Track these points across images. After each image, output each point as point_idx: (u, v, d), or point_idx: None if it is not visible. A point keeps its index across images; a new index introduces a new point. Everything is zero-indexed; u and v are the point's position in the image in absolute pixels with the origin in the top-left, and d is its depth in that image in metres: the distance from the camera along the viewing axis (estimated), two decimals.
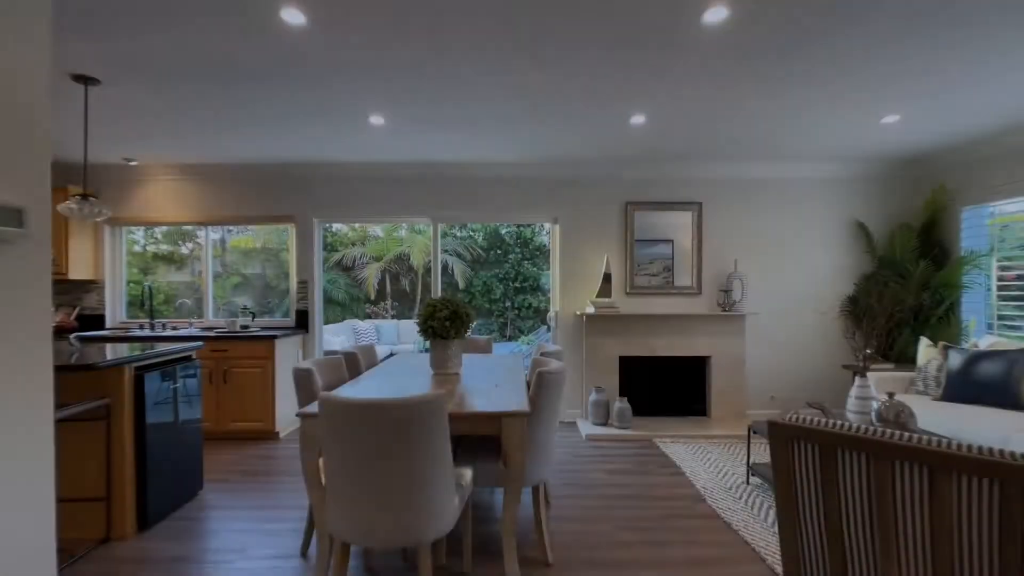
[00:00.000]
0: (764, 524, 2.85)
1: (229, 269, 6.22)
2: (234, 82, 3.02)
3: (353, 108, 3.46)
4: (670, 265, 5.05)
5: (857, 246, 5.08)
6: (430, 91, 3.17)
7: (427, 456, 1.87)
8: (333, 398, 1.86)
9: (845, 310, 5.05)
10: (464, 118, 3.66)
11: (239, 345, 4.32)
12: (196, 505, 3.07)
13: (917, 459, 1.28)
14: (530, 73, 2.92)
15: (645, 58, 2.75)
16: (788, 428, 1.47)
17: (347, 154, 4.60)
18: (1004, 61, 2.83)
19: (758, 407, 5.08)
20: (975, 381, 3.64)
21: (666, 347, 4.92)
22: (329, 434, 1.88)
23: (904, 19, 2.39)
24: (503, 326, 12.14)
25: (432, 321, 2.81)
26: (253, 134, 4.00)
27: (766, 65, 2.86)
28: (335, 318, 11.04)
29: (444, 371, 2.95)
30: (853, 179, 5.07)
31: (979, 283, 4.45)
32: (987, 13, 2.34)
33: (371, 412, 1.81)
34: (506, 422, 2.15)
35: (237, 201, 5.04)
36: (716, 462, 3.82)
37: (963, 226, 4.60)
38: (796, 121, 3.74)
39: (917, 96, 3.31)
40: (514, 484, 2.19)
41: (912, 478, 1.29)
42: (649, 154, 4.65)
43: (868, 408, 3.11)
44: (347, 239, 12.53)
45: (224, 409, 4.28)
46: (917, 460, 1.28)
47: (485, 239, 12.52)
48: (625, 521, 2.91)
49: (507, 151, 4.52)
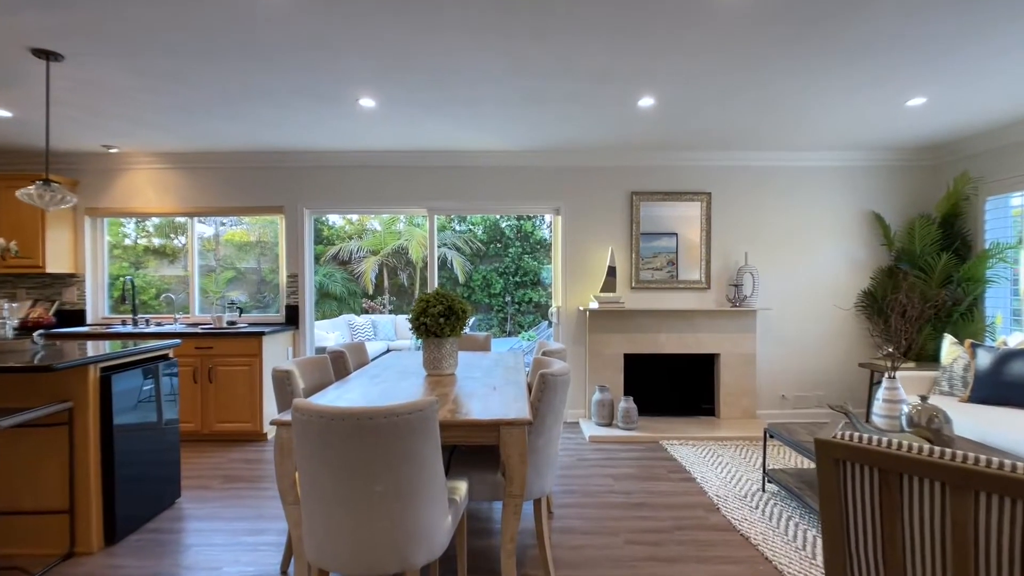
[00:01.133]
0: (785, 538, 2.62)
1: (223, 263, 5.99)
2: (215, 59, 2.78)
3: (341, 89, 3.21)
4: (674, 259, 4.81)
5: (873, 238, 4.84)
6: (421, 70, 2.93)
7: (415, 471, 1.65)
8: (307, 406, 1.63)
9: (861, 305, 4.82)
10: (459, 100, 3.41)
11: (225, 342, 4.09)
12: (172, 515, 2.85)
13: (1010, 491, 1.05)
14: (530, 49, 2.68)
15: (656, 32, 2.50)
16: (839, 447, 1.24)
17: (338, 141, 4.36)
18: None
19: (769, 407, 4.86)
20: (1006, 382, 3.41)
21: (673, 344, 4.69)
22: (303, 447, 1.65)
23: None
24: (503, 321, 11.93)
25: (424, 318, 2.58)
26: (238, 119, 3.76)
27: (786, 42, 2.62)
28: (332, 313, 10.82)
29: (438, 372, 2.73)
30: (868, 167, 4.82)
31: (1005, 277, 4.21)
32: None
33: (350, 422, 1.59)
34: (505, 432, 1.92)
35: (224, 191, 4.80)
36: (728, 467, 3.60)
37: (986, 217, 4.36)
38: (815, 103, 3.49)
39: (946, 77, 3.06)
40: (514, 500, 1.97)
41: (1003, 513, 1.06)
42: (656, 141, 4.41)
43: (897, 412, 2.89)
44: (344, 233, 12.30)
45: (209, 409, 4.06)
46: (1010, 493, 1.05)
47: (485, 232, 12.29)
48: (633, 533, 2.69)
49: (506, 138, 4.28)
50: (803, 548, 2.53)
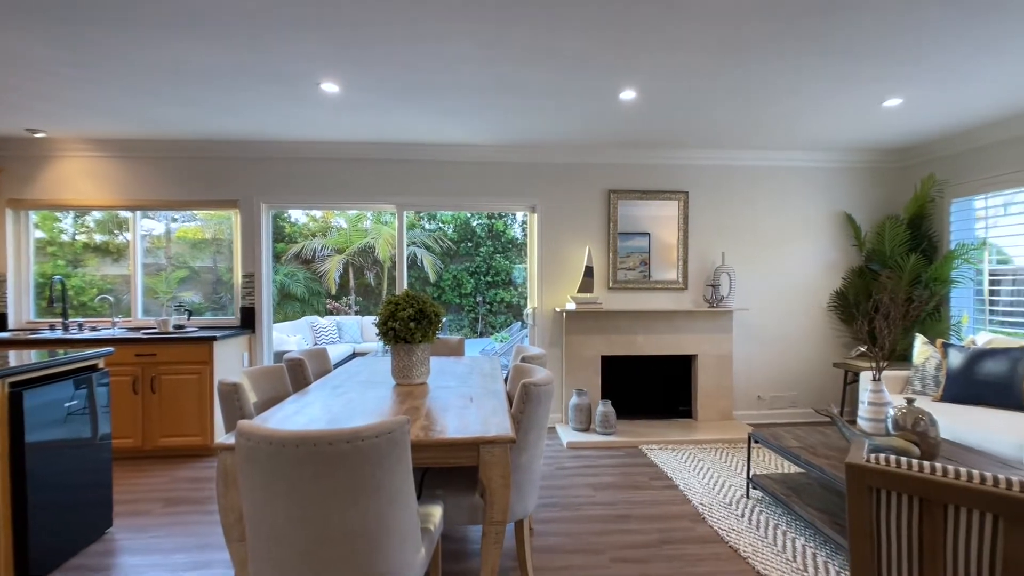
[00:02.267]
0: (774, 549, 2.51)
1: (175, 262, 5.56)
2: (155, 32, 2.47)
3: (300, 71, 2.94)
4: (647, 259, 4.70)
5: (845, 239, 4.85)
6: (388, 53, 2.69)
7: (384, 504, 1.43)
8: (253, 430, 1.39)
9: (833, 305, 4.83)
10: (431, 88, 3.18)
11: (170, 348, 3.74)
12: (101, 549, 2.52)
13: None
14: (504, 33, 2.48)
15: (639, 20, 2.35)
16: (874, 474, 1.09)
17: (299, 130, 4.06)
18: (1014, 43, 2.61)
19: (745, 407, 4.81)
20: (977, 381, 3.42)
21: (651, 345, 4.58)
22: (249, 477, 1.41)
23: None
24: (474, 322, 11.69)
25: (393, 322, 2.34)
26: (187, 103, 3.42)
27: (770, 39, 2.52)
28: (294, 314, 10.36)
29: (408, 382, 2.50)
30: (841, 169, 4.83)
31: (969, 277, 4.27)
32: None
33: (306, 449, 1.36)
34: (486, 451, 1.72)
35: (171, 183, 4.42)
36: (710, 472, 3.50)
37: (952, 219, 4.41)
38: (796, 101, 3.42)
39: (922, 77, 3.03)
40: (496, 528, 1.77)
41: None
42: (635, 139, 4.28)
43: (883, 415, 2.82)
44: (307, 230, 11.81)
45: (151, 423, 3.70)
46: None
47: (455, 231, 12.02)
48: (619, 550, 2.53)
49: (481, 131, 4.07)
50: (793, 560, 2.42)
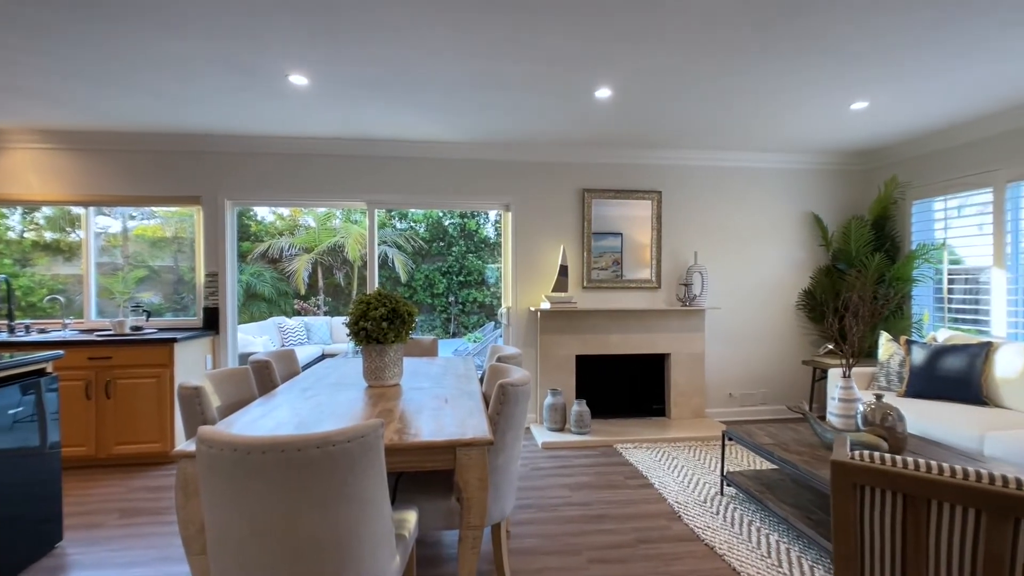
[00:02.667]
0: (749, 545, 2.53)
1: (133, 261, 5.31)
2: (111, 15, 2.32)
3: (268, 62, 2.82)
4: (619, 259, 4.72)
5: (813, 239, 4.97)
6: (359, 45, 2.60)
7: (356, 512, 1.36)
8: (215, 436, 1.30)
9: (802, 304, 4.93)
10: (402, 80, 3.10)
11: (127, 351, 3.55)
12: (49, 565, 2.36)
13: None
14: (480, 24, 2.43)
15: (617, 17, 2.33)
16: (860, 471, 1.08)
17: (266, 125, 3.91)
18: (971, 55, 2.77)
19: (717, 405, 4.87)
20: (939, 376, 3.54)
21: (625, 344, 4.59)
22: (211, 487, 1.32)
23: None
24: (446, 322, 11.58)
25: (365, 322, 2.26)
26: (145, 93, 3.25)
27: (746, 41, 2.56)
28: (261, 315, 10.07)
29: (380, 383, 2.42)
30: (809, 171, 4.94)
31: (929, 276, 4.41)
32: None
33: (273, 455, 1.28)
34: (462, 454, 1.66)
35: (128, 178, 4.21)
36: (684, 470, 3.51)
37: (913, 219, 4.56)
38: (769, 103, 3.46)
39: (888, 81, 3.12)
40: (473, 532, 1.71)
41: None
42: (609, 138, 4.28)
43: (853, 411, 2.88)
44: (274, 229, 11.50)
45: (106, 430, 3.50)
46: None
47: (427, 230, 11.88)
48: (595, 550, 2.51)
49: (455, 127, 4.00)
50: (768, 555, 2.44)
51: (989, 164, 3.81)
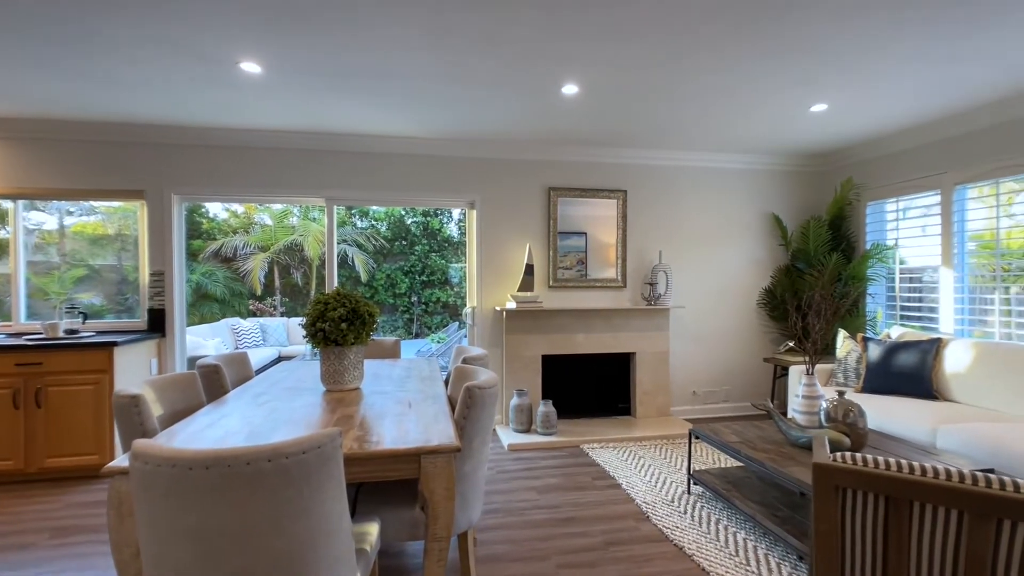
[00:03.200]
0: (717, 544, 2.53)
1: (70, 259, 4.94)
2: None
3: (216, 47, 2.64)
4: (584, 258, 4.70)
5: (773, 239, 5.08)
6: (316, 30, 2.46)
7: (313, 529, 1.25)
8: (150, 450, 1.17)
9: (763, 302, 5.04)
10: (363, 72, 2.97)
11: (60, 356, 3.28)
12: None
13: None
14: (452, 12, 2.33)
15: (588, 9, 2.28)
16: (843, 473, 1.05)
17: (216, 115, 3.69)
18: (921, 61, 2.86)
19: (681, 403, 4.91)
20: (893, 372, 3.65)
21: (591, 344, 4.57)
22: (147, 508, 1.19)
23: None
24: (409, 322, 11.37)
25: (323, 323, 2.13)
26: (79, 77, 3.00)
27: (709, 35, 2.54)
28: (212, 316, 9.63)
29: (339, 387, 2.29)
30: (769, 172, 5.05)
31: (883, 275, 4.57)
32: None
33: (218, 471, 1.15)
34: (428, 462, 1.57)
35: (61, 170, 3.90)
36: (651, 469, 3.51)
37: (868, 220, 4.71)
38: (733, 103, 3.50)
39: (846, 84, 3.19)
40: (439, 544, 1.62)
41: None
42: (575, 136, 4.24)
43: (816, 408, 2.93)
44: (228, 226, 11.03)
45: (37, 442, 3.22)
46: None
47: (389, 228, 11.64)
48: (565, 555, 2.45)
49: (418, 122, 3.88)
50: (736, 554, 2.44)
51: (937, 167, 3.97)
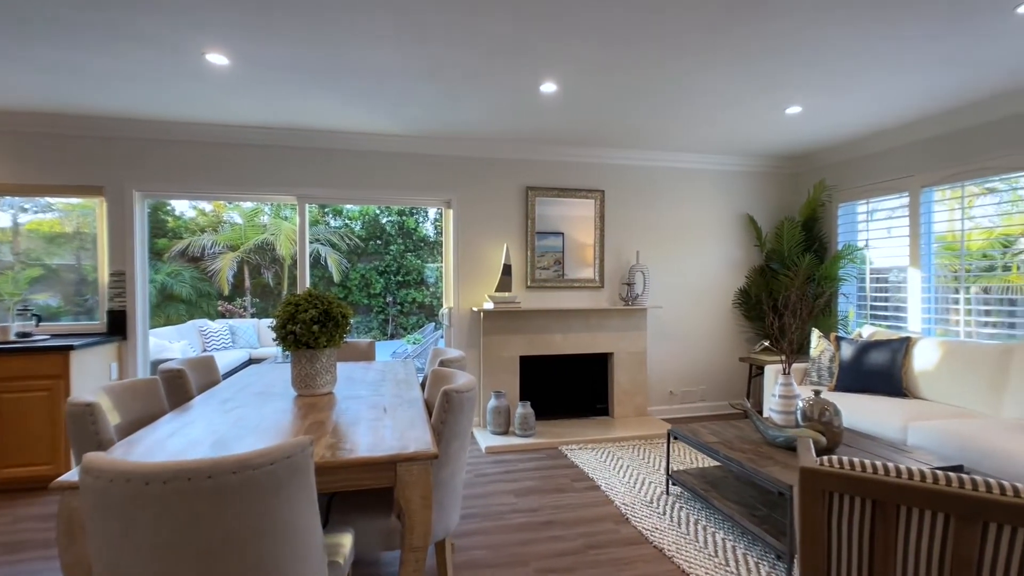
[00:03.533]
0: (697, 545, 2.52)
1: (24, 259, 4.69)
2: None
3: (180, 36, 2.52)
4: (561, 258, 4.68)
5: (748, 239, 5.14)
6: (287, 21, 2.37)
7: (282, 544, 1.18)
8: (103, 464, 1.08)
9: (738, 302, 5.09)
10: (337, 65, 2.88)
11: (10, 361, 3.09)
12: None
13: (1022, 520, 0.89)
14: (430, 5, 2.27)
15: (567, 6, 2.24)
16: (831, 477, 1.03)
17: (182, 109, 3.54)
18: (893, 67, 2.93)
19: (658, 403, 4.93)
20: (865, 370, 3.72)
21: (569, 344, 4.55)
22: (100, 526, 1.10)
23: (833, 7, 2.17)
24: (384, 323, 11.21)
25: (293, 325, 2.05)
26: (30, 64, 2.83)
27: (690, 38, 2.54)
28: (179, 318, 9.31)
29: (311, 392, 2.21)
30: (744, 173, 5.11)
31: (854, 275, 4.67)
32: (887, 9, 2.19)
33: (177, 485, 1.08)
34: (404, 470, 1.51)
35: (13, 165, 3.69)
36: (629, 470, 3.50)
37: (839, 221, 4.81)
38: (711, 104, 3.51)
39: (820, 86, 3.24)
40: (416, 555, 1.56)
41: (1013, 545, 0.91)
42: (554, 135, 4.22)
43: (793, 407, 2.95)
44: (195, 225, 10.69)
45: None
46: (1022, 522, 0.90)
47: (363, 228, 11.45)
48: (544, 560, 2.41)
49: (394, 118, 3.79)
50: (715, 555, 2.44)
51: (906, 170, 4.07)
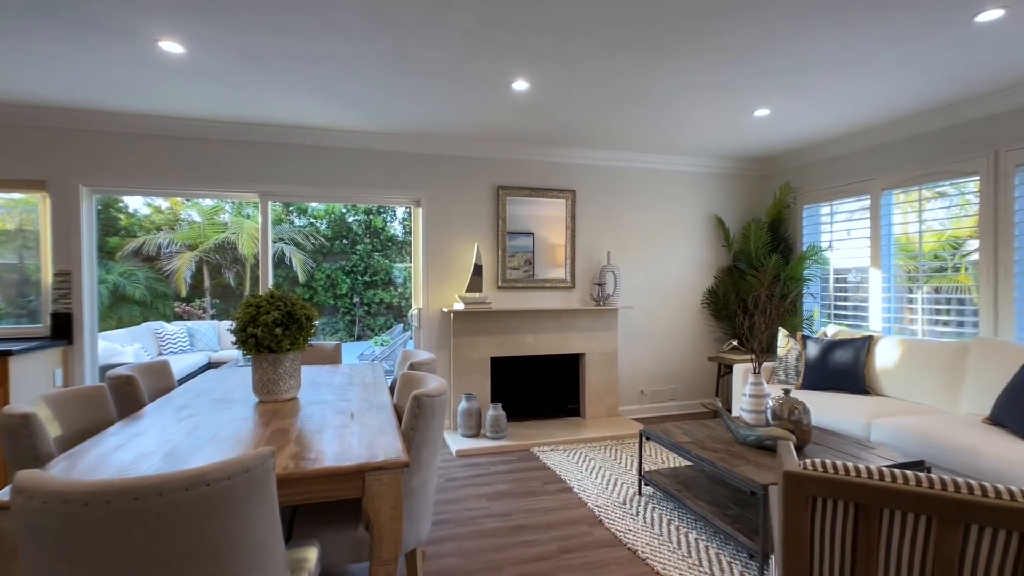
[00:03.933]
0: (670, 546, 2.52)
1: None
2: None
3: (133, 21, 2.36)
4: (531, 259, 4.65)
5: (716, 240, 5.22)
6: (246, 7, 2.25)
7: (240, 562, 1.09)
8: (37, 483, 0.98)
9: (707, 302, 5.16)
10: (301, 57, 2.76)
11: None
12: None
13: (1006, 523, 0.89)
14: (392, 1, 2.20)
15: (546, 2, 2.21)
16: (816, 482, 1.01)
17: (134, 100, 3.35)
18: (858, 72, 3.01)
19: (629, 402, 4.95)
20: (830, 369, 3.81)
21: (540, 345, 4.52)
22: (35, 552, 0.99)
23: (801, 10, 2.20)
24: (351, 324, 10.97)
25: (254, 328, 1.94)
26: None
27: (666, 39, 2.54)
28: (132, 320, 8.88)
29: (274, 398, 2.10)
30: (713, 174, 5.18)
31: (818, 276, 4.79)
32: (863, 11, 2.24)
33: (123, 504, 0.98)
34: (373, 480, 1.43)
35: None
36: (601, 471, 3.49)
37: (804, 223, 4.93)
38: (680, 104, 3.53)
39: (788, 90, 3.29)
40: (386, 568, 1.48)
41: (994, 547, 0.91)
42: (526, 134, 4.18)
43: (763, 406, 2.99)
44: (150, 223, 10.23)
45: None
46: (1006, 524, 0.89)
47: (329, 227, 11.18)
48: (518, 565, 2.36)
49: (361, 114, 3.68)
50: (689, 555, 2.44)
51: (867, 173, 4.19)
